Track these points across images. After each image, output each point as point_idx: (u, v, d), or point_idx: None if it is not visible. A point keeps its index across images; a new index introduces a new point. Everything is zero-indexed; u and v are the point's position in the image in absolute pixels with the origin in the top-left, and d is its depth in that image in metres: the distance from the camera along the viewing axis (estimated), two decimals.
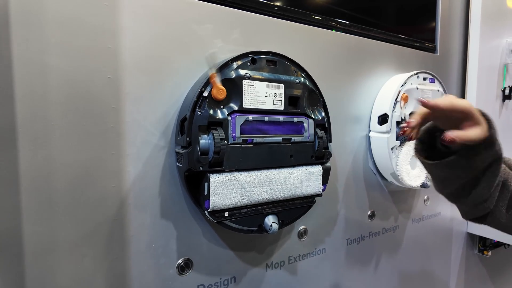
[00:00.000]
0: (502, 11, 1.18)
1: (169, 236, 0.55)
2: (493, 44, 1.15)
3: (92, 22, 0.46)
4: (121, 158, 0.50)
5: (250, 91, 0.54)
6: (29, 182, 0.43)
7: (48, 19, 0.43)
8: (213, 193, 0.50)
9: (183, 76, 0.54)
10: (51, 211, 0.45)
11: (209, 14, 0.56)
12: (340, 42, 0.76)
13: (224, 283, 0.61)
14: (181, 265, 0.56)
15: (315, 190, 0.62)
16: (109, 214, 0.49)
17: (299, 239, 0.71)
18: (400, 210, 0.93)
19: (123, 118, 0.50)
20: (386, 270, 0.92)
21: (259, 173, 0.55)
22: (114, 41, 0.48)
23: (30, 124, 0.43)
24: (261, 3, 0.63)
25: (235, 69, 0.52)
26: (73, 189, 0.46)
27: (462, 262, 1.18)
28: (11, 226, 0.43)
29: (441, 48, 1.03)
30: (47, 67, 0.44)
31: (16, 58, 0.42)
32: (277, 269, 0.68)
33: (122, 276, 0.51)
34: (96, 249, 0.49)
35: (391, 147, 0.79)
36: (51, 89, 0.44)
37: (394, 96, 0.79)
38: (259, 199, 0.55)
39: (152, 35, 0.51)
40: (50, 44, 0.44)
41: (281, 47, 0.64)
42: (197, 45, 0.55)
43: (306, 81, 0.60)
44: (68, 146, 0.46)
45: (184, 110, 0.52)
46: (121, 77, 0.49)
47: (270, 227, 0.57)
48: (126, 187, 0.50)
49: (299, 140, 0.59)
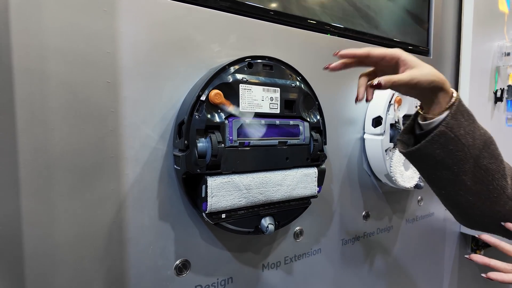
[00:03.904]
0: (494, 14, 1.20)
1: (167, 238, 0.56)
2: (485, 47, 1.17)
3: (91, 28, 0.47)
4: (120, 161, 0.50)
5: (247, 95, 0.55)
6: (29, 185, 0.44)
7: (48, 25, 0.44)
8: (210, 195, 0.51)
9: (180, 80, 0.55)
10: (51, 214, 0.46)
11: (206, 19, 0.57)
12: (335, 46, 0.77)
13: (221, 284, 0.62)
14: (179, 266, 0.57)
15: (311, 191, 0.63)
16: (108, 216, 0.50)
17: (295, 239, 0.72)
18: (394, 210, 0.95)
19: (122, 122, 0.50)
20: (380, 270, 0.93)
21: (256, 175, 0.56)
22: (113, 46, 0.49)
23: (30, 128, 0.43)
24: (257, 8, 0.64)
25: (232, 73, 0.54)
26: (72, 191, 0.47)
27: (455, 262, 1.20)
28: (11, 229, 0.43)
29: (434, 51, 1.04)
30: (47, 72, 0.44)
31: (16, 63, 0.42)
32: (273, 269, 0.69)
33: (120, 277, 0.52)
34: (95, 250, 0.49)
35: (385, 149, 0.80)
36: (51, 94, 0.45)
37: (388, 99, 0.80)
38: (255, 201, 0.56)
39: (150, 40, 0.52)
40: (50, 49, 0.44)
41: (277, 51, 0.66)
42: (195, 50, 0.56)
43: (301, 85, 0.61)
44: (67, 150, 0.46)
45: (182, 114, 0.53)
46: (120, 81, 0.50)
47: (266, 228, 0.58)
48: (125, 189, 0.51)
49: (294, 142, 0.60)
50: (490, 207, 0.51)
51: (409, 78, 0.45)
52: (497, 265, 0.50)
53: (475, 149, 0.47)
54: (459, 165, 0.48)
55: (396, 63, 0.49)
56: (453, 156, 0.47)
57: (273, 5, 0.68)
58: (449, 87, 0.48)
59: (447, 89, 0.48)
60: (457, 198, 0.51)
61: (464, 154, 0.47)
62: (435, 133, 0.47)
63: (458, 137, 0.46)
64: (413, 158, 0.52)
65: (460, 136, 0.46)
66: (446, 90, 0.47)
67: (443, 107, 0.47)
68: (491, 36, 1.19)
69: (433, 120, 0.48)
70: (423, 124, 0.50)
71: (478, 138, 0.47)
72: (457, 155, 0.47)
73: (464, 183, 0.49)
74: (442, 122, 0.47)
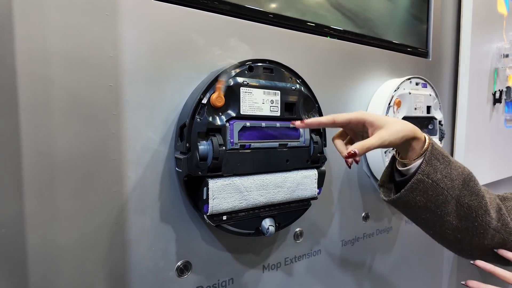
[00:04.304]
0: (493, 16, 1.21)
1: (169, 240, 0.56)
2: (484, 49, 1.17)
3: (94, 32, 0.48)
4: (122, 164, 0.51)
5: (247, 98, 0.55)
6: (32, 188, 0.44)
7: (51, 29, 0.45)
8: (211, 198, 0.52)
9: (182, 83, 0.56)
10: (54, 216, 0.46)
11: (207, 23, 0.58)
12: (334, 49, 0.78)
13: (222, 285, 0.63)
14: (180, 268, 0.57)
15: (311, 193, 0.63)
16: (110, 218, 0.51)
17: (295, 241, 0.73)
18: (393, 211, 0.96)
19: (124, 125, 0.51)
20: (380, 271, 0.94)
21: (256, 178, 0.56)
22: (115, 50, 0.50)
23: (34, 132, 0.44)
24: (257, 12, 0.65)
25: (233, 76, 0.54)
26: (75, 194, 0.47)
27: (454, 262, 1.21)
28: (15, 231, 0.44)
29: (433, 53, 1.05)
30: (50, 76, 0.45)
31: (20, 67, 0.43)
32: (273, 271, 0.70)
33: (122, 279, 0.52)
34: (97, 252, 0.50)
35: (384, 151, 0.81)
36: (54, 97, 0.45)
37: (387, 101, 0.81)
38: (256, 203, 0.57)
39: (151, 43, 0.53)
40: (53, 53, 0.45)
41: (277, 54, 0.66)
42: (196, 53, 0.57)
43: (301, 88, 0.62)
44: (70, 153, 0.47)
45: (183, 117, 0.54)
46: (122, 84, 0.50)
47: (267, 229, 0.58)
48: (127, 192, 0.52)
49: (295, 145, 0.61)
50: (479, 242, 0.52)
51: (380, 141, 0.46)
52: (501, 274, 0.51)
53: (454, 190, 0.48)
54: (442, 207, 0.49)
55: (364, 126, 0.50)
56: (434, 200, 0.48)
57: (273, 8, 0.68)
58: (421, 134, 0.49)
59: (419, 136, 0.49)
60: (446, 236, 0.52)
61: (444, 197, 0.48)
62: (413, 181, 0.48)
63: (436, 182, 0.47)
64: (395, 205, 0.53)
65: (438, 180, 0.47)
66: (418, 137, 0.49)
67: (418, 152, 0.49)
68: (490, 38, 1.19)
69: (410, 166, 0.50)
70: (401, 170, 0.51)
71: (456, 178, 0.48)
72: (438, 199, 0.48)
73: (450, 222, 0.50)
74: (418, 170, 0.48)
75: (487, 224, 0.49)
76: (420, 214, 0.51)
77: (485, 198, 0.50)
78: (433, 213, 0.49)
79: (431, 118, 0.93)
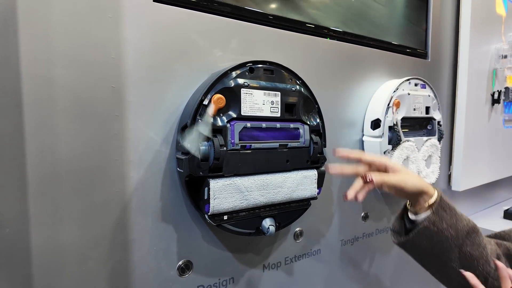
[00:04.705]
0: (491, 17, 1.21)
1: (170, 239, 0.57)
2: (482, 50, 1.18)
3: (97, 34, 0.48)
4: (124, 164, 0.52)
5: (248, 99, 0.56)
6: (36, 188, 0.45)
7: (55, 32, 0.45)
8: (212, 197, 0.53)
9: (183, 84, 0.56)
10: (57, 216, 0.47)
11: (208, 25, 0.58)
12: (334, 50, 0.78)
13: (223, 284, 0.63)
14: (181, 267, 0.58)
15: (311, 193, 0.64)
16: (113, 218, 0.51)
17: (295, 240, 0.73)
18: (392, 211, 0.96)
19: (126, 126, 0.51)
20: (379, 270, 0.94)
21: (257, 178, 0.57)
22: (117, 52, 0.50)
23: (37, 132, 0.45)
24: (257, 13, 0.65)
25: (233, 78, 0.55)
26: (78, 194, 0.48)
27: None
28: (19, 231, 0.44)
29: (432, 54, 1.06)
30: (53, 78, 0.45)
31: (24, 69, 0.43)
32: (274, 270, 0.71)
33: (124, 278, 0.53)
34: (100, 252, 0.50)
35: (383, 151, 0.81)
36: (57, 99, 0.46)
37: (387, 102, 0.82)
38: (256, 203, 0.57)
39: (153, 45, 0.53)
40: (56, 55, 0.45)
41: (277, 56, 0.67)
42: (197, 55, 0.57)
43: (301, 89, 0.62)
44: (73, 153, 0.47)
45: (185, 118, 0.54)
46: (124, 86, 0.51)
47: (267, 229, 0.59)
48: (129, 192, 0.52)
49: (295, 145, 0.61)
50: None
51: (398, 181, 0.53)
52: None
53: (458, 239, 0.53)
54: (446, 254, 0.54)
55: (385, 169, 0.57)
56: (438, 246, 0.54)
57: (273, 10, 0.69)
58: (432, 190, 0.55)
59: (430, 192, 0.54)
60: (450, 281, 0.57)
61: (448, 244, 0.53)
62: (420, 227, 0.54)
63: (441, 230, 0.53)
64: (405, 247, 0.59)
65: (443, 229, 0.53)
66: (428, 193, 0.54)
67: (428, 204, 0.54)
68: (488, 39, 1.20)
69: (419, 215, 0.56)
70: (412, 218, 0.57)
71: (461, 229, 0.53)
72: (442, 245, 0.54)
73: (453, 268, 0.54)
74: (425, 218, 0.54)
75: (488, 273, 0.54)
76: (426, 258, 0.57)
77: (486, 248, 0.55)
78: (438, 258, 0.54)
79: (430, 119, 0.94)
